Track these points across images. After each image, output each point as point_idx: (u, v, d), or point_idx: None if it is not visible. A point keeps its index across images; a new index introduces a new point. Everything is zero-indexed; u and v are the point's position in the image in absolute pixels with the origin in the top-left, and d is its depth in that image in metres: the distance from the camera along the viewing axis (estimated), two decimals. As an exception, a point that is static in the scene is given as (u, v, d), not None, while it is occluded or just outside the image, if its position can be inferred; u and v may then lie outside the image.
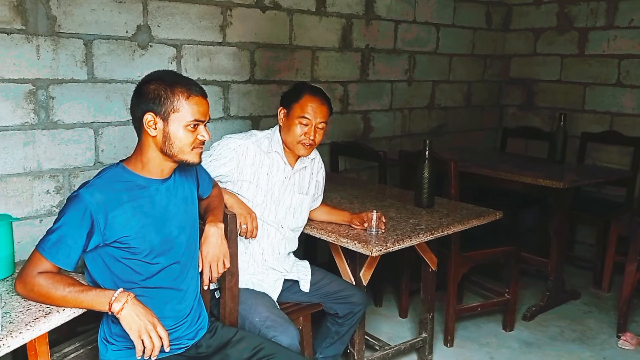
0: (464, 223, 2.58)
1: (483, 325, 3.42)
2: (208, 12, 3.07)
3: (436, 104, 4.55)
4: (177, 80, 1.74)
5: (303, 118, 2.29)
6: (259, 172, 2.33)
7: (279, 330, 2.10)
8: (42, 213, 2.65)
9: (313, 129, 2.30)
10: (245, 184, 2.31)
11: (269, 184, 2.34)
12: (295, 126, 2.30)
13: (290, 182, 2.41)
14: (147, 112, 1.70)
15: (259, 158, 2.33)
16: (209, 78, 3.14)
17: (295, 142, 2.32)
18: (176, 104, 1.70)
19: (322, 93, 2.36)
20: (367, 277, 2.51)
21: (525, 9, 4.88)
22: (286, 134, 2.34)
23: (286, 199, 2.40)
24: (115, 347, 1.79)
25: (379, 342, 2.92)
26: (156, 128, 1.70)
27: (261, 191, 2.33)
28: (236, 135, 2.37)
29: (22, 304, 1.68)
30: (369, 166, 4.03)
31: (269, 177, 2.35)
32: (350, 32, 3.80)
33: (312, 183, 2.50)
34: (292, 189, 2.41)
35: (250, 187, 2.32)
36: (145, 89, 1.71)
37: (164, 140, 1.72)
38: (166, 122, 1.70)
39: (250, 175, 2.31)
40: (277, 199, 2.37)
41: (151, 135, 1.71)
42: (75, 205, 1.65)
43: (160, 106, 1.69)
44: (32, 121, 2.57)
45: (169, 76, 1.76)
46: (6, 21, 2.44)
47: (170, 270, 1.81)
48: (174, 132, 1.71)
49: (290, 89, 2.39)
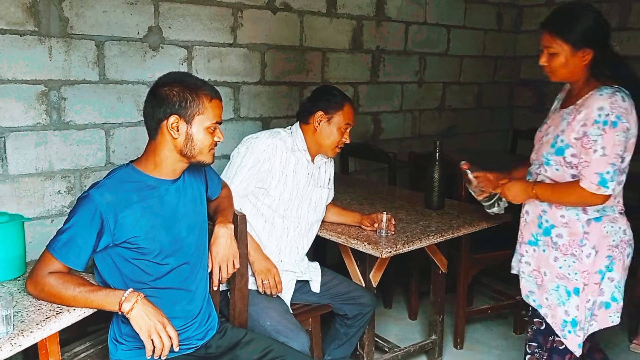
0: (474, 225, 2.57)
1: (493, 328, 3.40)
2: (219, 13, 3.08)
3: (446, 105, 4.53)
4: (199, 83, 1.77)
5: (347, 125, 2.37)
6: (286, 170, 2.35)
7: (290, 335, 2.10)
8: (54, 213, 2.66)
9: (348, 133, 2.39)
10: (273, 182, 2.32)
11: (294, 180, 2.36)
12: (337, 132, 2.36)
13: (312, 178, 2.43)
14: (172, 115, 1.71)
15: (286, 156, 2.35)
16: (220, 79, 3.15)
17: (333, 147, 2.38)
18: (201, 107, 1.73)
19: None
20: (377, 279, 2.51)
21: (536, 10, 4.85)
22: (322, 137, 2.36)
23: (309, 194, 2.42)
24: (125, 347, 1.79)
25: (389, 344, 2.91)
26: (179, 130, 1.72)
27: (287, 188, 2.35)
28: (261, 135, 2.36)
29: (34, 304, 1.69)
30: (378, 167, 4.03)
31: (294, 175, 2.36)
32: (360, 34, 3.80)
33: (326, 176, 2.53)
34: (314, 184, 2.44)
35: (279, 185, 2.33)
36: (168, 92, 1.72)
37: (186, 142, 1.74)
38: (189, 125, 1.73)
39: (279, 173, 2.33)
40: (301, 196, 2.40)
41: (173, 137, 1.73)
42: (85, 205, 1.66)
43: (186, 109, 1.72)
44: (44, 122, 2.58)
45: (189, 79, 1.78)
46: (19, 23, 2.46)
47: (180, 270, 1.82)
48: (196, 134, 1.74)
49: (328, 95, 2.38)
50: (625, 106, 1.88)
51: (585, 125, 1.92)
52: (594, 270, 2.02)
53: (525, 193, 2.11)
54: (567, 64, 1.98)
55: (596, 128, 1.88)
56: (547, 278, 2.10)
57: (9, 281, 1.86)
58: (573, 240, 2.03)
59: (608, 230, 2.01)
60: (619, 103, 1.88)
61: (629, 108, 1.89)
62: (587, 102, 1.94)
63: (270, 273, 2.25)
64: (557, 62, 2.00)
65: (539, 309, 2.14)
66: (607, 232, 2.01)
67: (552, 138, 2.04)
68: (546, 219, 2.10)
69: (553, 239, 2.08)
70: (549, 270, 2.10)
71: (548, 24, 2.01)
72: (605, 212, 2.01)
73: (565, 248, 2.05)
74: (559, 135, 2.01)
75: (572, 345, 2.06)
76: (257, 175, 2.29)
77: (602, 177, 1.89)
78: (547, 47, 2.00)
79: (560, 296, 2.07)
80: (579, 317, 2.04)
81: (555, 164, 2.03)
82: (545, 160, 2.07)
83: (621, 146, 1.89)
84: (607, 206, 2.00)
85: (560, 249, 2.06)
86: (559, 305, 2.07)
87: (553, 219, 2.08)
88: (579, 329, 2.04)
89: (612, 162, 1.89)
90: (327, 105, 2.35)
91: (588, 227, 2.01)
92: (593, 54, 1.96)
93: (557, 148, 2.01)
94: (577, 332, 2.05)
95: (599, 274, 2.02)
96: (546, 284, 2.11)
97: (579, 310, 2.04)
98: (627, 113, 1.88)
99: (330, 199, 2.59)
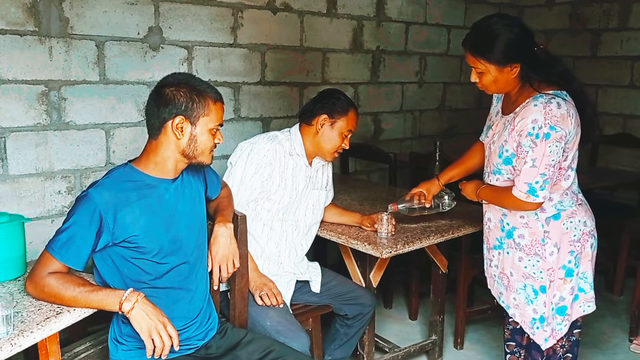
0: (475, 225, 2.57)
1: (493, 328, 3.40)
2: (219, 13, 3.08)
3: (447, 105, 4.53)
4: (204, 85, 1.78)
5: (350, 131, 2.36)
6: (285, 174, 2.34)
7: (290, 336, 2.10)
8: (54, 213, 2.67)
9: (348, 138, 2.39)
10: (274, 186, 2.32)
11: (293, 184, 2.36)
12: (338, 137, 2.35)
13: (310, 181, 2.43)
14: (177, 115, 1.72)
15: (285, 160, 2.34)
16: (220, 79, 3.15)
17: (332, 151, 2.37)
18: (206, 109, 1.75)
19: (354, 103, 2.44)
20: (377, 279, 2.50)
21: (537, 10, 4.85)
22: (323, 140, 2.35)
23: (307, 197, 2.42)
24: (126, 347, 1.79)
25: (389, 344, 2.91)
26: (183, 131, 1.73)
27: (287, 192, 2.35)
28: (259, 140, 2.34)
29: (34, 304, 1.69)
30: (379, 168, 4.03)
31: (293, 178, 2.36)
32: (361, 34, 3.80)
33: (323, 177, 2.53)
34: (311, 187, 2.44)
35: (279, 189, 2.33)
36: (175, 93, 1.73)
37: (189, 143, 1.75)
38: (194, 126, 1.74)
39: (279, 177, 2.32)
40: (300, 199, 2.39)
41: (177, 137, 1.73)
42: (84, 204, 1.66)
43: (192, 110, 1.73)
44: (45, 122, 2.59)
45: (195, 81, 1.78)
46: (20, 23, 2.46)
47: (179, 270, 1.82)
48: (200, 136, 1.76)
49: (334, 98, 2.36)
50: (560, 113, 1.89)
51: (520, 135, 1.95)
52: (557, 267, 2.07)
53: (473, 193, 2.21)
54: (497, 80, 1.98)
55: (529, 140, 1.91)
56: (514, 278, 2.15)
57: (9, 281, 1.86)
58: (535, 239, 2.07)
59: (567, 227, 2.05)
60: (554, 112, 1.88)
61: (564, 114, 1.89)
62: (522, 112, 1.95)
63: (267, 286, 2.25)
64: (486, 79, 2.00)
65: (507, 309, 2.21)
66: (567, 229, 2.05)
67: (498, 148, 2.06)
68: (507, 222, 2.14)
69: (515, 240, 2.12)
70: (514, 270, 2.15)
71: (468, 44, 1.98)
72: (563, 208, 2.05)
73: (528, 248, 2.09)
74: (504, 145, 2.03)
75: (539, 340, 2.13)
76: (260, 180, 2.28)
77: (531, 187, 1.94)
78: (473, 67, 2.00)
79: (527, 295, 2.13)
80: (547, 314, 2.10)
81: (507, 173, 2.07)
82: (496, 170, 2.10)
83: (553, 156, 1.90)
84: (565, 200, 2.05)
85: (524, 249, 2.10)
86: (527, 304, 2.13)
87: (513, 221, 2.11)
88: (546, 324, 2.11)
89: (542, 172, 1.92)
90: (332, 109, 2.34)
91: (548, 226, 2.05)
92: (521, 65, 1.95)
93: (505, 158, 2.04)
94: (545, 328, 2.12)
95: (563, 269, 2.07)
96: (513, 284, 2.16)
97: (545, 306, 2.10)
98: (563, 119, 1.89)
99: (330, 200, 2.59)
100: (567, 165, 2.01)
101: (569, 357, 2.23)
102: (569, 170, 2.02)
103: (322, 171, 2.51)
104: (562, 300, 2.10)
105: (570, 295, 2.10)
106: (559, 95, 1.93)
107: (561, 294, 2.09)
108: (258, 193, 2.30)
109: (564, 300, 2.10)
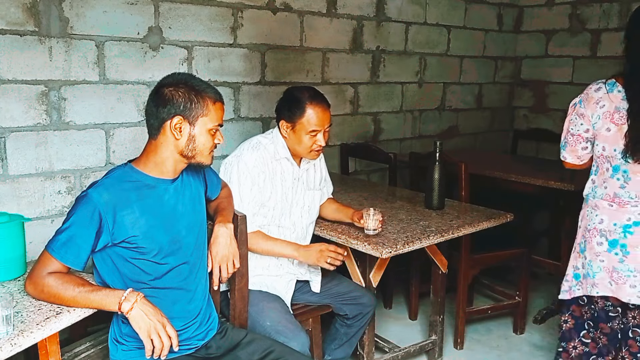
0: (475, 225, 2.57)
1: (493, 328, 3.40)
2: (219, 13, 3.08)
3: (447, 105, 4.53)
4: (203, 85, 1.78)
5: (313, 131, 2.26)
6: (274, 180, 2.32)
7: (289, 336, 2.10)
8: (54, 213, 2.66)
9: (322, 134, 2.29)
10: (266, 193, 2.30)
11: (282, 188, 2.34)
12: (305, 138, 2.27)
13: (300, 182, 2.41)
14: (176, 115, 1.72)
15: (272, 166, 2.32)
16: (220, 79, 3.15)
17: (307, 152, 2.31)
18: (205, 109, 1.75)
19: (321, 96, 2.30)
20: (377, 279, 2.50)
21: (537, 10, 4.85)
22: (295, 144, 2.30)
23: (299, 199, 2.41)
24: (126, 347, 1.79)
25: (389, 344, 2.91)
26: (181, 131, 1.73)
27: (278, 197, 2.33)
28: (243, 152, 2.30)
29: (34, 304, 1.69)
30: (379, 168, 4.03)
31: (282, 182, 2.34)
32: (360, 34, 3.80)
33: (317, 176, 2.51)
34: (302, 188, 2.42)
35: (272, 196, 2.31)
36: (173, 93, 1.73)
37: (188, 143, 1.75)
38: (193, 126, 1.74)
39: (270, 184, 2.31)
40: (291, 202, 2.38)
41: (176, 137, 1.73)
42: (83, 205, 1.66)
43: (190, 110, 1.73)
44: (45, 122, 2.59)
45: (194, 81, 1.78)
46: (19, 23, 2.46)
47: (179, 270, 1.82)
48: (198, 136, 1.76)
49: (288, 101, 2.29)
50: (591, 95, 2.03)
51: None
52: (577, 242, 2.20)
53: None
54: None
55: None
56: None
57: (9, 281, 1.86)
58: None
59: (588, 214, 2.14)
60: (589, 92, 2.05)
61: (594, 98, 2.03)
62: None
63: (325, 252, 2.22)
64: None
65: None
66: (587, 215, 2.15)
67: None
68: None
69: None
70: None
71: None
72: (592, 196, 2.12)
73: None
74: None
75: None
76: (258, 189, 2.27)
77: (561, 143, 2.19)
78: None
79: None
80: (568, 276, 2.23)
81: None
82: None
83: (572, 125, 2.10)
84: (597, 190, 2.10)
85: None
86: None
87: None
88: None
89: (564, 135, 2.16)
90: (286, 113, 2.27)
91: (584, 204, 2.20)
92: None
93: None
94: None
95: (579, 246, 2.19)
96: None
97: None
98: (589, 102, 2.03)
99: (326, 197, 2.58)
100: (605, 156, 2.04)
101: None
102: (606, 163, 2.05)
103: (313, 170, 2.49)
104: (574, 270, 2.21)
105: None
106: (609, 84, 2.01)
107: (572, 268, 2.21)
108: (260, 201, 2.29)
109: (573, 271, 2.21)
